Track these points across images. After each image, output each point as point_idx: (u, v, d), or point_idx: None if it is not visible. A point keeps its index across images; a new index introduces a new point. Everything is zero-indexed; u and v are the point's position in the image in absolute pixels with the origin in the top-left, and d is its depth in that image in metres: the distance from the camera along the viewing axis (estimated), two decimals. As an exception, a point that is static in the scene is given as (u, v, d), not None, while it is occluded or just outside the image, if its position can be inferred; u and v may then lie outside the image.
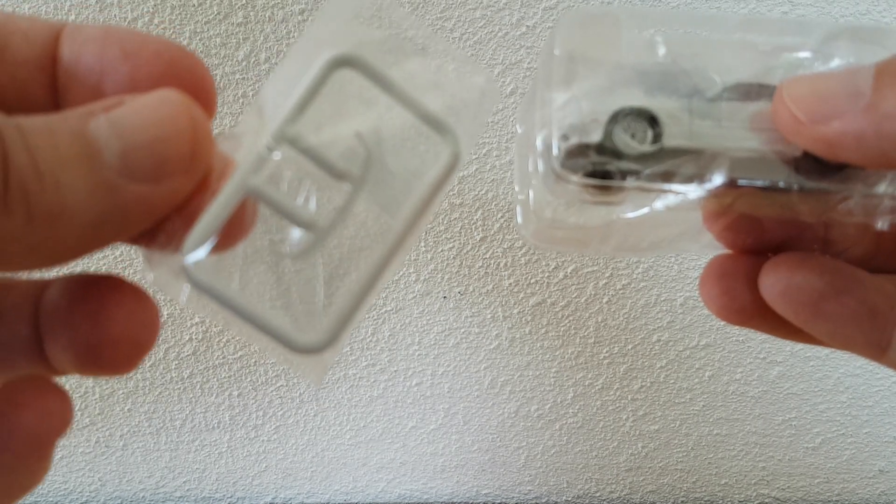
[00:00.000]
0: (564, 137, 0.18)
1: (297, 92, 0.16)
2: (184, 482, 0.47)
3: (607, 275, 0.41)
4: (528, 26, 0.35)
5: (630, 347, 0.43)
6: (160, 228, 0.15)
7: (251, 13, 0.34)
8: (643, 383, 0.45)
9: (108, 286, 0.16)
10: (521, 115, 0.20)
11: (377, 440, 0.46)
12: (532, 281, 0.41)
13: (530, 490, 0.49)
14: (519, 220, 0.20)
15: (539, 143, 0.18)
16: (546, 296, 0.41)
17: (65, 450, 0.46)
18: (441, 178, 0.17)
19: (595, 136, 0.18)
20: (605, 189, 0.18)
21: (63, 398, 0.16)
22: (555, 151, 0.18)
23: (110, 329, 0.15)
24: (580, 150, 0.18)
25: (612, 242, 0.20)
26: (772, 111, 0.17)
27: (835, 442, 0.47)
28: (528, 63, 0.36)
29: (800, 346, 0.43)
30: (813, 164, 0.18)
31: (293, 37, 0.35)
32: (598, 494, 0.49)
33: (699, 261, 0.41)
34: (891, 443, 0.48)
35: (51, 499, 0.48)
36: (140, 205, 0.14)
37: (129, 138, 0.14)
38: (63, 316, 0.16)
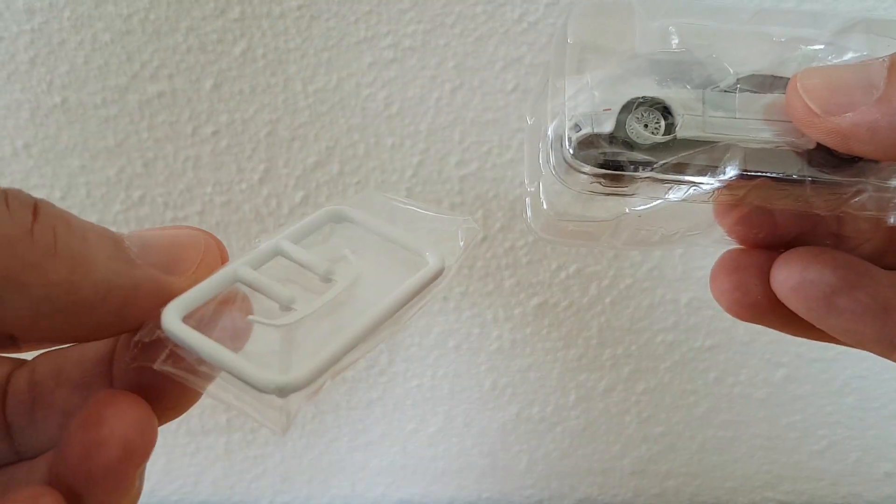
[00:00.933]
0: (576, 127, 0.18)
1: (293, 226, 0.18)
2: (179, 486, 0.47)
3: (610, 275, 0.41)
4: (529, 22, 0.35)
5: (634, 349, 0.43)
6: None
7: (248, 9, 0.34)
8: (647, 385, 0.45)
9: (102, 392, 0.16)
10: (532, 106, 0.20)
11: (376, 443, 0.46)
12: (534, 281, 0.40)
13: (532, 494, 0.48)
14: (528, 213, 0.20)
15: (550, 132, 0.18)
16: (548, 296, 0.41)
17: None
18: (420, 282, 0.18)
19: (607, 126, 0.18)
20: (617, 179, 0.18)
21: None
22: (566, 141, 0.18)
23: (101, 430, 0.15)
24: (592, 141, 0.18)
25: (623, 236, 0.20)
26: (785, 102, 0.17)
27: (841, 445, 0.47)
28: (530, 60, 0.35)
29: (805, 347, 0.43)
30: (826, 157, 0.18)
31: (290, 33, 0.34)
32: (601, 498, 0.49)
33: (704, 261, 0.40)
34: (897, 445, 0.47)
35: None
36: (150, 283, 0.16)
37: (148, 238, 0.17)
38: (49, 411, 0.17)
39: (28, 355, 0.19)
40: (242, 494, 0.48)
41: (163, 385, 0.16)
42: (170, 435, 0.45)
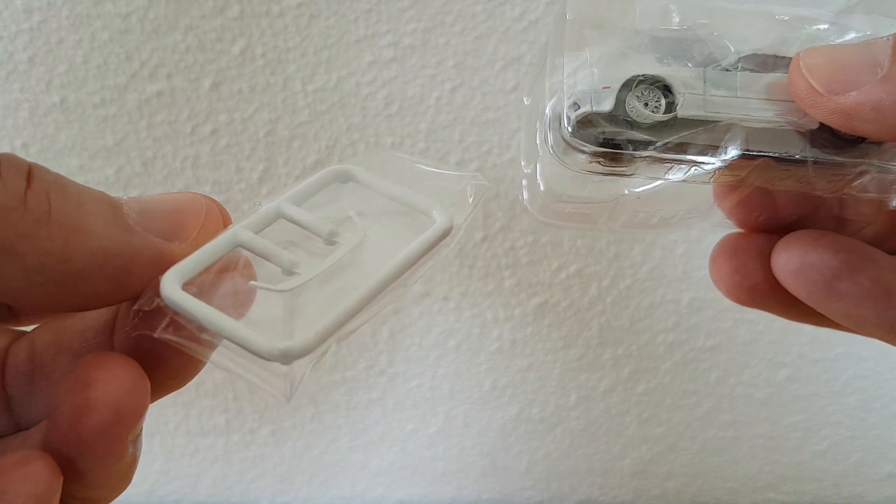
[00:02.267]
0: (575, 105, 0.17)
1: (296, 187, 0.18)
2: (178, 486, 0.47)
3: (611, 275, 0.40)
4: (530, 21, 0.34)
5: (634, 349, 0.43)
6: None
7: (247, 7, 0.34)
8: (648, 386, 0.44)
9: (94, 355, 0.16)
10: (529, 86, 0.20)
11: (376, 444, 0.46)
12: (534, 281, 0.40)
13: (532, 495, 0.48)
14: (525, 196, 0.20)
15: (548, 111, 0.18)
16: (548, 296, 0.41)
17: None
18: (428, 242, 0.17)
19: (607, 105, 0.17)
20: (616, 159, 0.17)
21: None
22: (565, 120, 0.17)
23: (90, 392, 0.15)
24: (591, 119, 0.17)
25: (621, 219, 0.20)
26: (788, 81, 0.17)
27: (843, 445, 0.47)
28: (531, 58, 0.35)
29: (808, 348, 0.43)
30: (829, 138, 0.18)
31: (290, 31, 0.34)
32: (602, 499, 0.49)
33: (705, 261, 0.40)
34: (899, 446, 0.47)
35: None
36: (149, 251, 0.15)
37: (148, 204, 0.16)
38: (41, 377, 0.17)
39: (29, 329, 0.18)
40: (241, 495, 0.47)
41: (164, 354, 0.16)
42: (168, 435, 0.45)
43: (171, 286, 0.15)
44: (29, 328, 0.18)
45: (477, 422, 0.45)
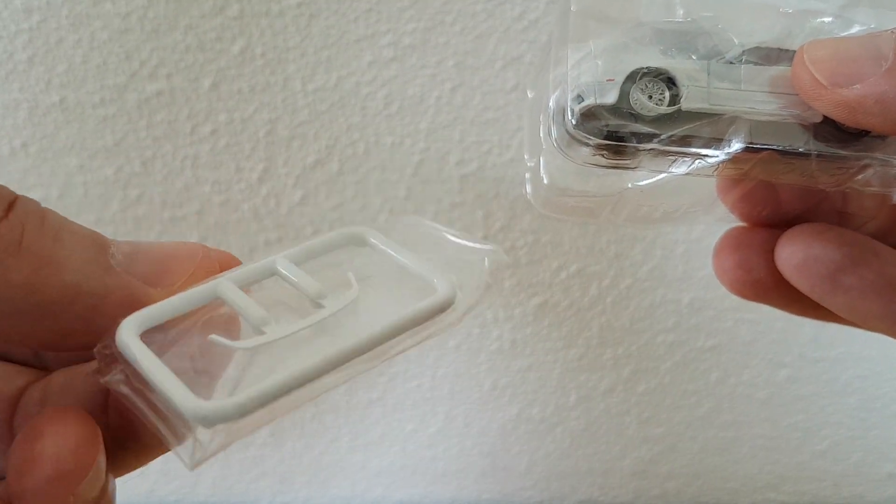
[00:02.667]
0: (579, 98, 0.17)
1: (302, 244, 0.17)
2: (178, 487, 0.47)
3: (611, 275, 0.40)
4: (530, 20, 0.34)
5: (634, 349, 0.43)
6: None
7: (247, 7, 0.34)
8: (648, 386, 0.44)
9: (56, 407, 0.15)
10: (533, 79, 0.20)
11: (376, 444, 0.46)
12: (534, 281, 0.40)
13: (532, 495, 0.48)
14: (528, 189, 0.20)
15: (552, 103, 0.18)
16: (548, 296, 0.41)
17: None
18: (417, 314, 0.16)
19: (611, 97, 0.17)
20: (620, 152, 0.17)
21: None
22: (569, 112, 0.17)
23: (34, 445, 0.14)
24: (595, 112, 0.17)
25: (624, 213, 0.20)
26: (792, 74, 0.17)
27: (843, 445, 0.47)
28: (531, 58, 0.35)
29: (808, 348, 0.43)
30: (833, 131, 0.18)
31: (289, 31, 0.34)
32: (602, 499, 0.49)
33: (706, 261, 0.40)
34: (899, 446, 0.47)
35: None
36: (123, 291, 0.15)
37: (139, 247, 0.16)
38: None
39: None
40: (241, 495, 0.47)
41: (126, 408, 0.15)
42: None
43: (128, 330, 0.14)
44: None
45: (477, 422, 0.45)
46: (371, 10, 0.34)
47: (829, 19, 0.18)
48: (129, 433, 0.16)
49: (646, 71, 0.17)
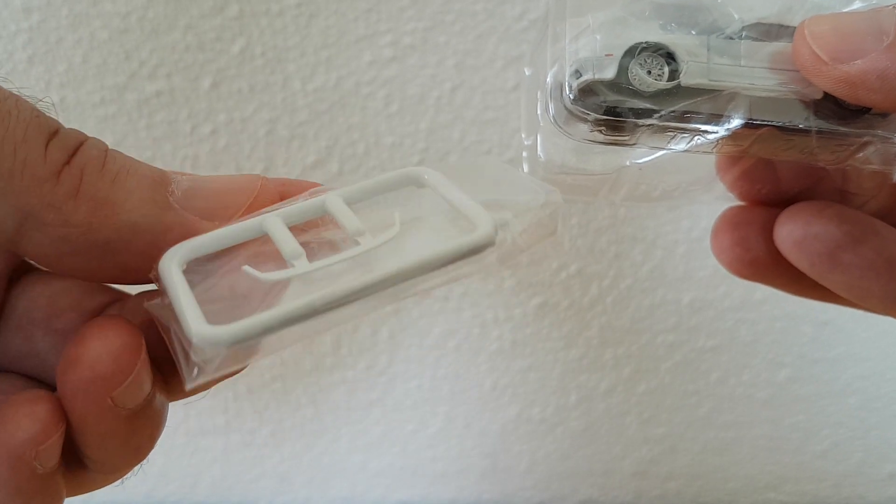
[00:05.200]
0: (577, 73, 0.17)
1: (358, 183, 0.17)
2: (177, 488, 0.47)
3: (612, 275, 0.40)
4: (530, 20, 0.34)
5: (635, 349, 0.43)
6: None
7: (246, 7, 0.34)
8: (648, 386, 0.44)
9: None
10: (530, 57, 0.20)
11: (376, 444, 0.46)
12: (534, 281, 0.40)
13: (533, 495, 0.48)
14: (525, 168, 0.20)
15: (550, 79, 0.17)
16: (549, 296, 0.41)
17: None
18: (446, 255, 0.15)
19: (609, 72, 0.17)
20: (618, 128, 0.17)
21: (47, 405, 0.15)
22: (567, 88, 0.17)
23: (77, 348, 0.15)
24: (593, 87, 0.17)
25: (622, 191, 0.20)
26: (792, 50, 0.17)
27: (844, 445, 0.47)
28: (531, 58, 0.35)
29: (808, 348, 0.43)
30: (833, 108, 0.17)
31: (289, 31, 0.34)
32: (602, 500, 0.49)
33: (706, 260, 0.40)
34: (900, 446, 0.47)
35: (42, 505, 0.47)
36: (181, 228, 0.16)
37: (198, 182, 0.16)
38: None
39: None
40: (241, 496, 0.47)
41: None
42: (167, 436, 0.45)
43: (168, 259, 0.15)
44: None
45: (477, 422, 0.45)
46: (371, 9, 0.34)
47: None
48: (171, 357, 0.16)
49: (645, 46, 0.17)
